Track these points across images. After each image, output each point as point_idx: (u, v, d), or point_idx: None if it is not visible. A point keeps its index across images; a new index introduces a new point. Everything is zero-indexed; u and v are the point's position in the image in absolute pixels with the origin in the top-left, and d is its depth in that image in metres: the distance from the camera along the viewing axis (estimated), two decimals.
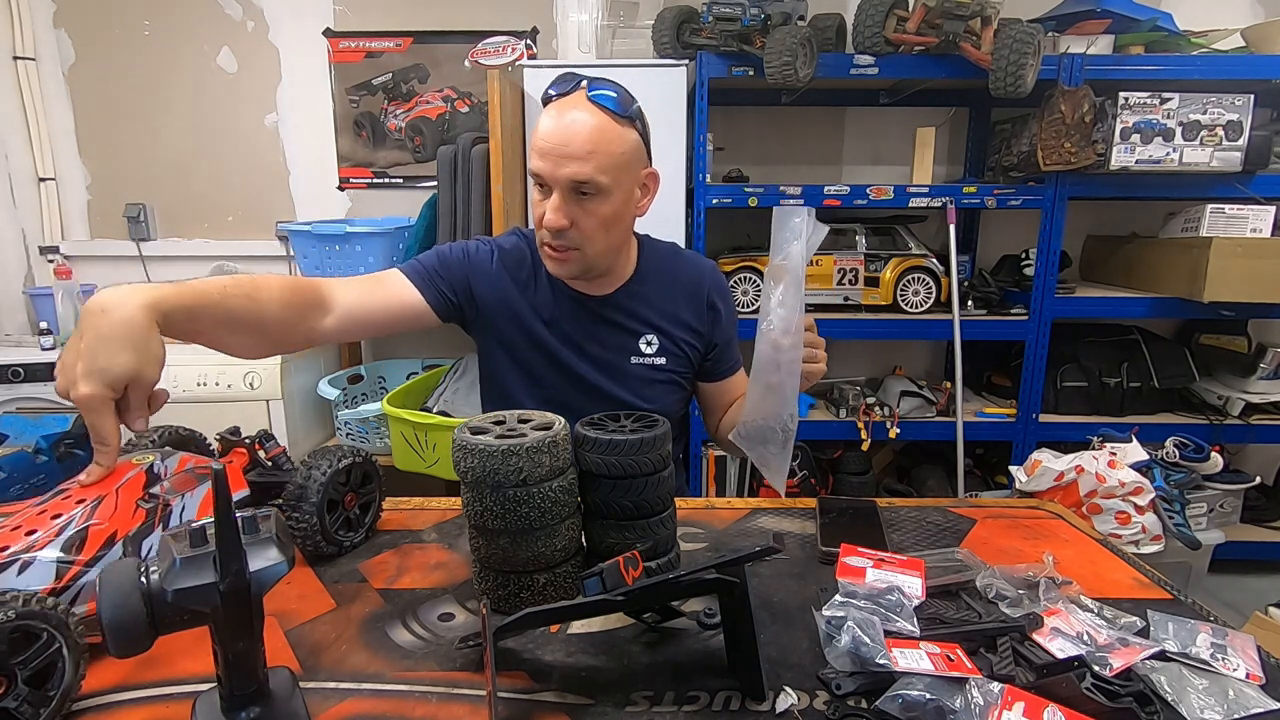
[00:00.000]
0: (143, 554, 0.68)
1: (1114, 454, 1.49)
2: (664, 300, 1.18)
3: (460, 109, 2.62)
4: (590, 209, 1.01)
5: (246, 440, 0.91)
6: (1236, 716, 0.57)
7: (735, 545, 0.90)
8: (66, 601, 0.62)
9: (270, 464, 0.90)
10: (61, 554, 0.63)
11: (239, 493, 0.83)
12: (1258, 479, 2.33)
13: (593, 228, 1.02)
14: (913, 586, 0.74)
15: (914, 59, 2.14)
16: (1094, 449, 1.55)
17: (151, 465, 0.74)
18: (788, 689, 0.61)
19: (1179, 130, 2.08)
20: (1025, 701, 0.55)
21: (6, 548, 0.62)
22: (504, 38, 2.55)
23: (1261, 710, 0.58)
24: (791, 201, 2.21)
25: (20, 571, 0.61)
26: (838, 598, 0.70)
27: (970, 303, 2.33)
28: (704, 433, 2.37)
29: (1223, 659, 0.63)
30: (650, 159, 1.09)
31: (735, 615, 0.62)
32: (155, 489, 0.72)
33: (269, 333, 0.90)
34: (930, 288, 2.32)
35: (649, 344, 1.17)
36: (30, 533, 0.64)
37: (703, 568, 0.60)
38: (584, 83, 1.01)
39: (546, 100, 1.03)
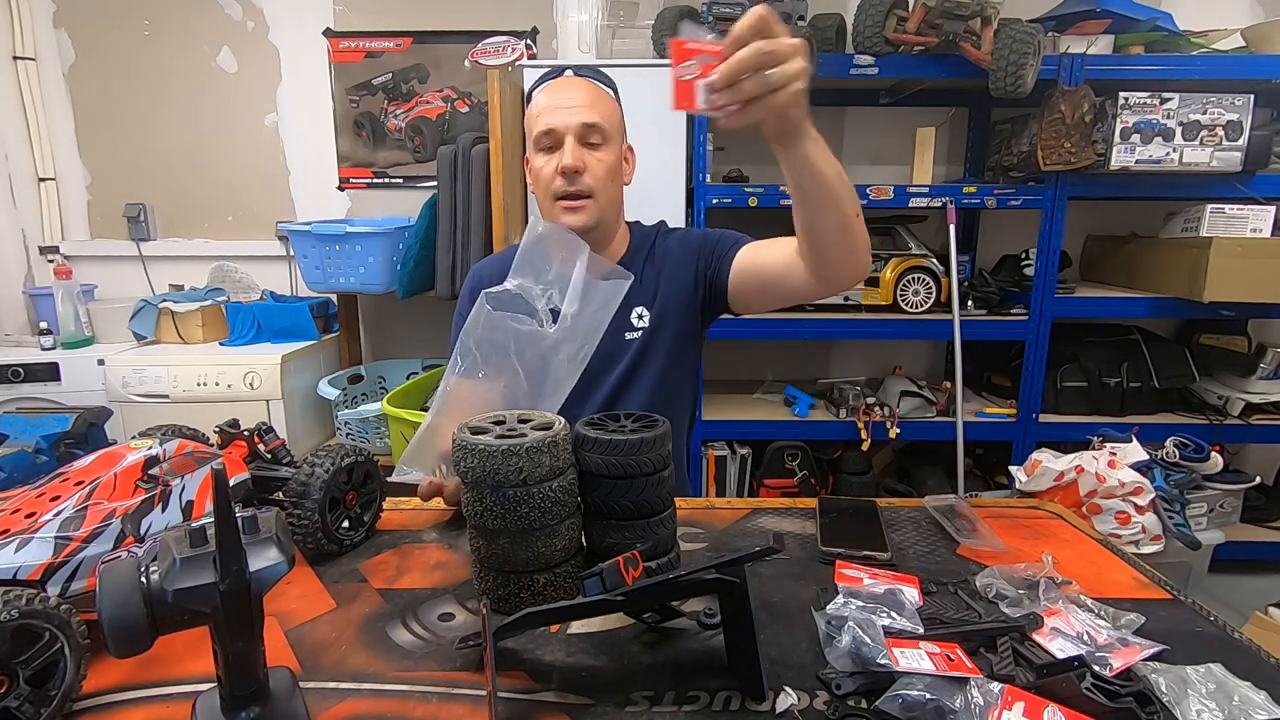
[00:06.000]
0: (141, 533, 0.68)
1: (1114, 454, 1.50)
2: (652, 275, 1.21)
3: (460, 109, 2.62)
4: (598, 155, 1.11)
5: (246, 433, 0.90)
6: None
7: (735, 545, 0.90)
8: (65, 577, 0.62)
9: (270, 456, 0.90)
10: (60, 530, 0.63)
11: (239, 476, 0.83)
12: (1258, 479, 2.33)
13: (602, 175, 1.11)
14: (910, 595, 0.74)
15: (914, 59, 2.14)
16: (1094, 449, 1.56)
17: (150, 450, 0.74)
18: (788, 689, 0.61)
19: (1179, 130, 2.08)
20: (1025, 701, 0.55)
21: (6, 531, 0.62)
22: (504, 38, 2.56)
23: (1266, 718, 0.56)
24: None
25: (19, 548, 0.60)
26: (838, 597, 0.70)
27: (970, 303, 2.33)
28: (705, 433, 2.37)
29: None
30: (625, 137, 1.21)
31: (735, 615, 0.62)
32: (154, 470, 0.72)
33: None
34: (930, 288, 2.32)
35: (640, 317, 1.19)
36: (30, 515, 0.64)
37: (703, 568, 0.60)
38: (567, 70, 1.16)
39: (535, 88, 1.17)
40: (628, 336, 1.19)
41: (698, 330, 1.24)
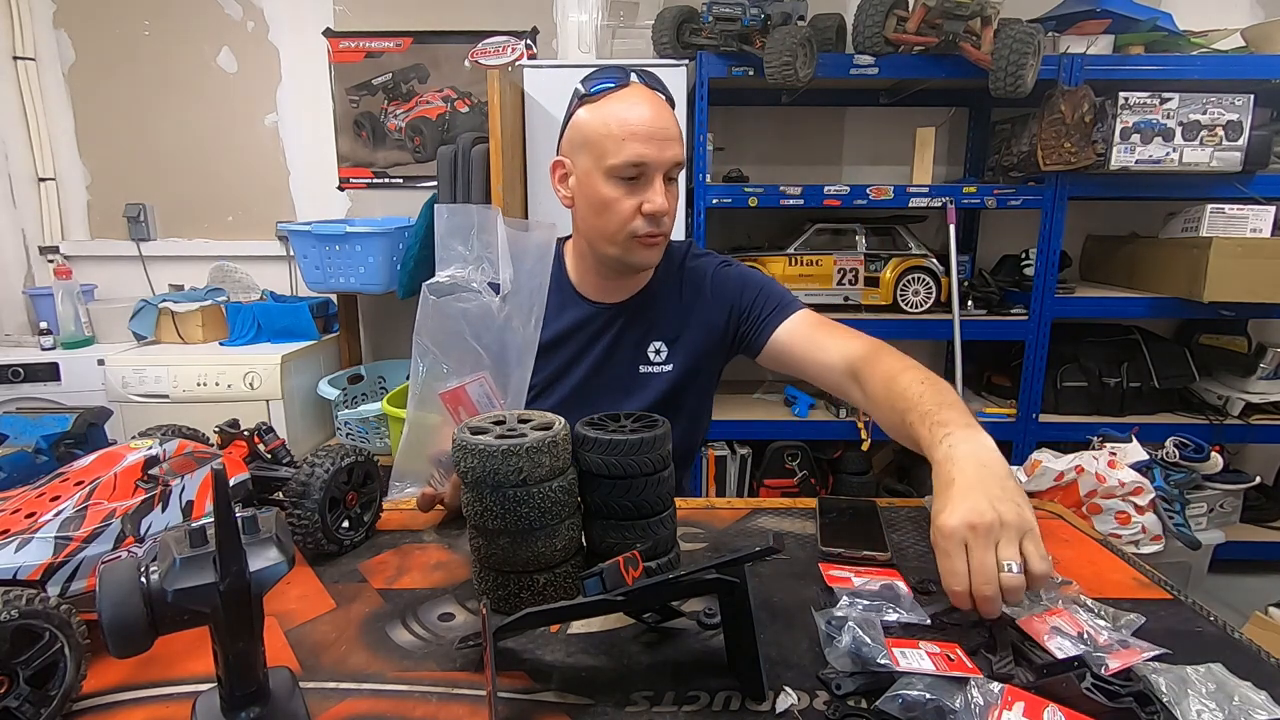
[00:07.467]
0: (141, 533, 0.68)
1: (1114, 454, 1.49)
2: (672, 304, 1.15)
3: (460, 109, 2.62)
4: (673, 191, 1.04)
5: (245, 432, 0.90)
6: None
7: (735, 545, 0.90)
8: (65, 577, 0.62)
9: (269, 456, 0.90)
10: (60, 530, 0.63)
11: (239, 476, 0.82)
12: (1258, 479, 2.32)
13: (674, 210, 1.05)
14: (901, 587, 0.74)
15: (914, 59, 2.14)
16: (1094, 449, 1.55)
17: (150, 450, 0.74)
18: (788, 689, 0.61)
19: (1179, 130, 2.08)
20: (1025, 701, 0.55)
21: (6, 531, 0.62)
22: (504, 38, 2.55)
23: (1267, 718, 0.56)
24: (792, 201, 2.21)
25: (19, 548, 0.60)
26: (842, 598, 0.70)
27: (970, 303, 2.33)
28: (708, 434, 2.36)
29: None
30: None
31: (735, 615, 0.62)
32: (154, 470, 0.72)
33: None
34: (930, 288, 2.32)
35: (657, 352, 1.14)
36: (30, 515, 0.64)
37: (703, 568, 0.60)
38: (632, 76, 1.02)
39: (591, 95, 1.01)
40: (642, 370, 1.14)
41: (717, 370, 1.20)
